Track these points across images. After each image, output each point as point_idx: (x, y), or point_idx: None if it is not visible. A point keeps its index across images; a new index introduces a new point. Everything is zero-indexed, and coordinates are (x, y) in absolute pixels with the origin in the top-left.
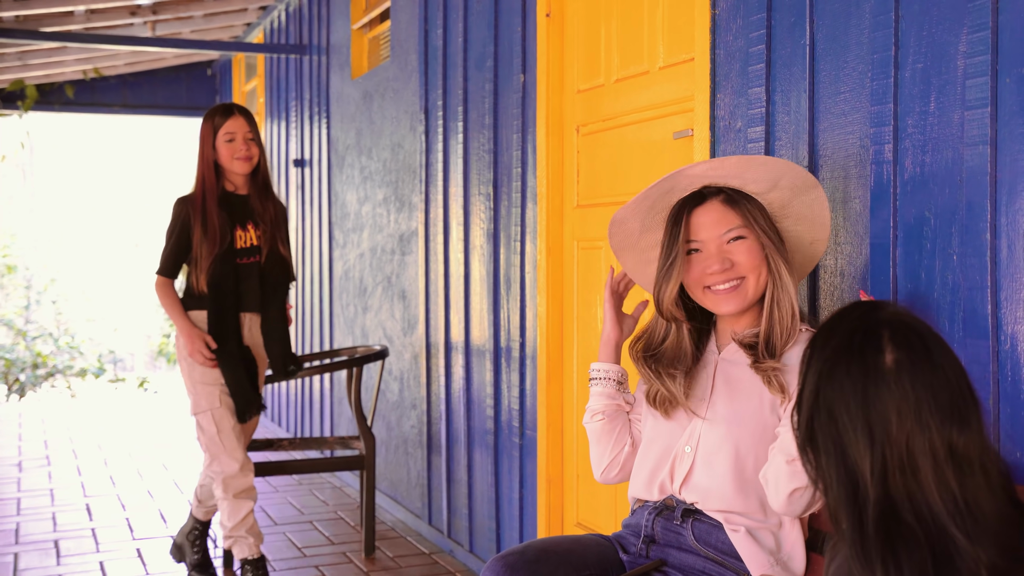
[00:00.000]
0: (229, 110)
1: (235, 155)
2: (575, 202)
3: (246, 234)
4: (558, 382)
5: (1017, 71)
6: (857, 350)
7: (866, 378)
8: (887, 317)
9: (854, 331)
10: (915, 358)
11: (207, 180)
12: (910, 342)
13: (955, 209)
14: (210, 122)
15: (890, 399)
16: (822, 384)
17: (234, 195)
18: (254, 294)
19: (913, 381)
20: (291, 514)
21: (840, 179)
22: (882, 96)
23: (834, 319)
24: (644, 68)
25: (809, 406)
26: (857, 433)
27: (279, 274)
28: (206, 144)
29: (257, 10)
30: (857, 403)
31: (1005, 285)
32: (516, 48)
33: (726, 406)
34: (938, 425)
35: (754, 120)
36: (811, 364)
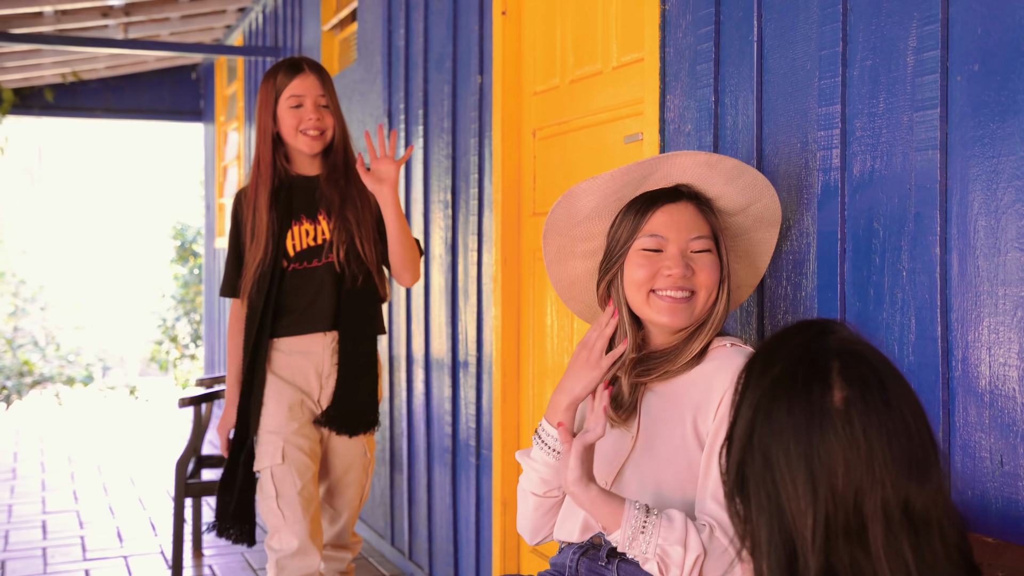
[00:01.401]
0: (296, 66)
1: (301, 126)
2: (532, 210)
3: (313, 227)
4: (514, 398)
5: (968, 68)
6: (801, 384)
7: (810, 419)
8: (837, 345)
9: (798, 360)
10: (868, 398)
11: (263, 161)
12: (863, 378)
13: (904, 220)
14: (271, 82)
15: (837, 445)
16: (758, 422)
17: (299, 179)
18: (323, 310)
19: (866, 425)
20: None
21: (786, 188)
22: (830, 96)
23: (775, 342)
24: (598, 68)
25: (741, 446)
26: (797, 485)
27: (362, 284)
28: (265, 112)
29: (236, 12)
30: (799, 449)
31: (956, 304)
32: (474, 48)
33: (648, 441)
34: (893, 480)
35: (703, 123)
36: (745, 394)
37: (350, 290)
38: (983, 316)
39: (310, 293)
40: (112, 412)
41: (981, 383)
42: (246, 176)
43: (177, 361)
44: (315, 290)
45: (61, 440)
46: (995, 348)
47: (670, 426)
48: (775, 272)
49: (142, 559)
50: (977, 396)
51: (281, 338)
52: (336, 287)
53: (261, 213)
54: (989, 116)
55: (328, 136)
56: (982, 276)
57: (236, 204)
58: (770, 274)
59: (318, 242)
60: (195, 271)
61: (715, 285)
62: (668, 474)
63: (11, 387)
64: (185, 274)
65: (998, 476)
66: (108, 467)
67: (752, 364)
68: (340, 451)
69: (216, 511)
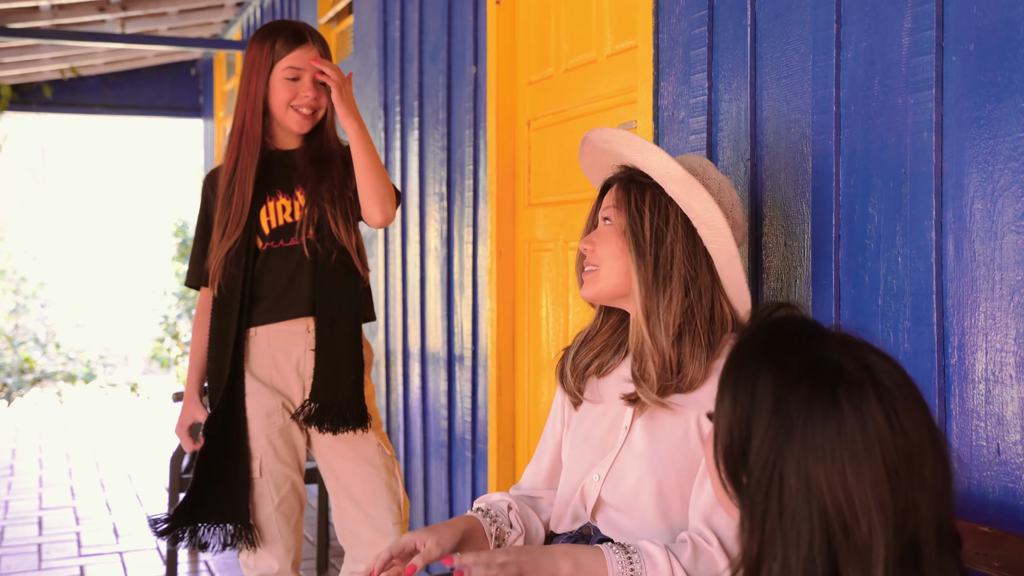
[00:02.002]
0: (299, 35)
1: (295, 102)
2: (526, 201)
3: (290, 203)
4: (509, 391)
5: (964, 48)
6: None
7: (868, 441)
8: (850, 353)
9: (830, 377)
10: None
11: (248, 129)
12: (896, 386)
13: (899, 205)
14: (268, 44)
15: (897, 462)
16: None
17: (276, 152)
18: (301, 292)
19: (917, 436)
20: None
21: (782, 172)
22: (824, 80)
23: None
24: (592, 57)
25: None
26: (857, 513)
27: (336, 261)
28: (258, 78)
29: (234, 7)
30: (860, 475)
31: (951, 291)
32: (468, 38)
33: (649, 435)
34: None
35: (696, 109)
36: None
37: (324, 268)
38: (979, 301)
39: (287, 274)
40: (112, 409)
41: (978, 370)
42: None
43: (179, 358)
44: (292, 270)
45: (60, 437)
46: (992, 334)
47: (672, 423)
48: (769, 258)
49: (138, 555)
50: (973, 383)
51: (257, 327)
52: (313, 267)
53: (246, 187)
54: (985, 97)
55: (319, 116)
56: (978, 260)
57: (207, 184)
58: (764, 260)
59: (296, 218)
60: None
61: (615, 259)
62: (670, 473)
63: (12, 384)
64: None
65: (995, 464)
66: (106, 464)
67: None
68: (344, 452)
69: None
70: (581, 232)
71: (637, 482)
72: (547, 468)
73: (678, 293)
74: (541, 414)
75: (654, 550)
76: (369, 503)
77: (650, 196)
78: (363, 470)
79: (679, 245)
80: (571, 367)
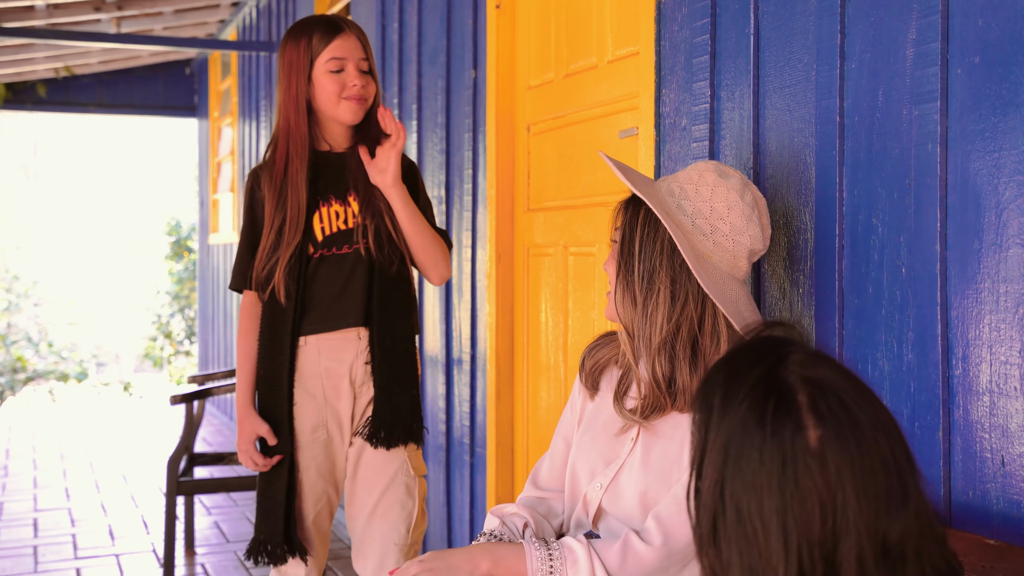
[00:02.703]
0: (335, 25)
1: (344, 93)
2: (526, 206)
3: (343, 209)
4: (508, 396)
5: (969, 60)
6: (771, 426)
7: (784, 467)
8: (800, 372)
9: (763, 396)
10: (842, 435)
11: (294, 130)
12: (833, 412)
13: (904, 216)
14: (304, 41)
15: (813, 494)
16: (728, 472)
17: (327, 155)
18: (353, 302)
19: (840, 467)
20: (246, 530)
21: (785, 181)
22: (828, 90)
23: (730, 371)
24: (593, 62)
25: (712, 499)
26: (770, 541)
27: (396, 271)
28: (299, 76)
29: (230, 7)
30: (772, 503)
31: (956, 303)
32: (467, 42)
33: (647, 453)
34: (869, 522)
35: (698, 117)
36: (708, 436)
37: (384, 278)
38: (984, 314)
39: (339, 283)
40: (106, 409)
41: (982, 382)
42: (246, 167)
43: (172, 357)
44: (344, 280)
45: (54, 437)
46: (996, 346)
47: (666, 440)
48: (771, 269)
49: (134, 557)
50: (978, 395)
51: (307, 336)
52: (368, 276)
53: (299, 190)
54: (990, 110)
55: (370, 103)
56: (983, 273)
57: (252, 184)
58: (767, 271)
59: (349, 225)
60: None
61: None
62: (662, 490)
63: (4, 383)
64: (179, 270)
65: (1000, 476)
66: (101, 464)
67: (708, 398)
68: (373, 465)
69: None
70: (582, 238)
71: (635, 496)
72: (560, 464)
73: (663, 308)
74: (540, 419)
75: (576, 545)
76: (380, 517)
77: (643, 213)
78: (382, 483)
79: (664, 260)
80: (591, 359)
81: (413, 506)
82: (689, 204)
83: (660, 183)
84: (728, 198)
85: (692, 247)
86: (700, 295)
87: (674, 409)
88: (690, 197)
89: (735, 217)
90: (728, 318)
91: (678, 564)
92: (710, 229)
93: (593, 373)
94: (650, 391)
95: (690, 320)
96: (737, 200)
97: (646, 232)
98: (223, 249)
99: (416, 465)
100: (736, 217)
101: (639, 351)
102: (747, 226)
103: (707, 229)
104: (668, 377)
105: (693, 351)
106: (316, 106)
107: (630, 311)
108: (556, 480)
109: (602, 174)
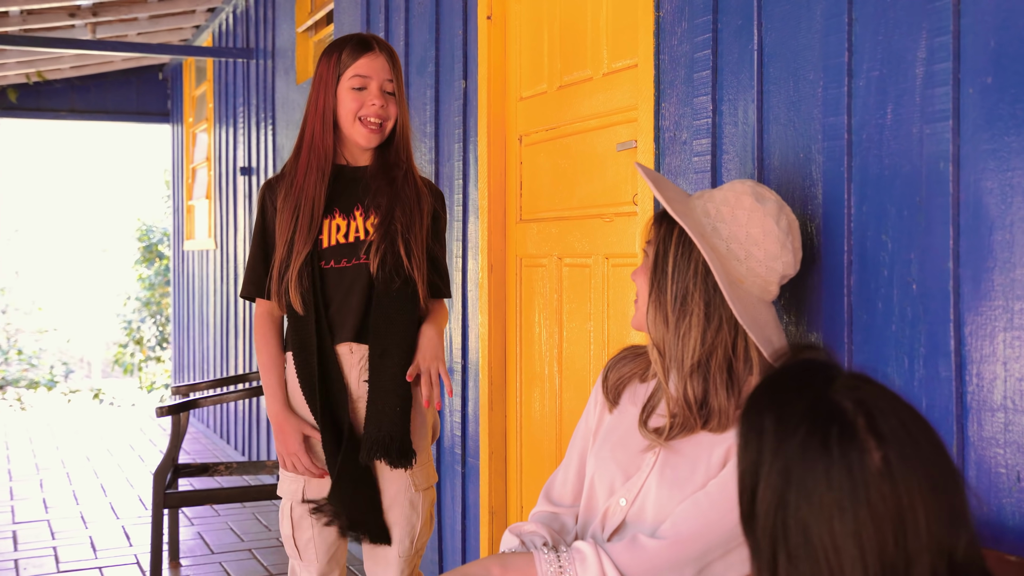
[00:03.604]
0: (365, 43)
1: (361, 112)
2: (518, 216)
3: (345, 222)
4: (501, 406)
5: (981, 80)
6: (836, 449)
7: (855, 490)
8: (852, 396)
9: (824, 420)
10: (906, 453)
11: (317, 143)
12: (894, 431)
13: (914, 233)
14: (334, 57)
15: (887, 513)
16: (791, 497)
17: (345, 168)
18: (350, 316)
19: (909, 486)
20: (230, 541)
21: (790, 196)
22: (835, 107)
23: (776, 396)
24: (588, 74)
25: (772, 524)
26: (844, 562)
27: (397, 290)
28: (326, 91)
29: (205, 12)
30: (847, 524)
31: (969, 319)
32: (457, 52)
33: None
34: (941, 538)
35: (700, 132)
36: (763, 463)
37: (384, 296)
38: (998, 331)
39: (338, 297)
40: (78, 417)
41: (996, 398)
42: (223, 173)
43: (142, 364)
44: (344, 293)
45: (27, 447)
46: (1011, 363)
47: (695, 452)
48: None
49: (117, 570)
50: (992, 411)
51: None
52: (367, 292)
53: (312, 201)
54: (1003, 129)
55: (388, 128)
56: (997, 290)
57: (266, 194)
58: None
59: (350, 240)
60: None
61: (645, 292)
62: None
63: None
64: (150, 276)
65: (1015, 492)
66: (77, 475)
67: (758, 422)
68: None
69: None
70: (577, 249)
71: (656, 511)
72: (574, 478)
73: (696, 330)
74: (534, 429)
75: (583, 545)
76: None
77: (677, 231)
78: (386, 501)
79: (698, 283)
80: (616, 372)
81: (417, 519)
82: (725, 228)
83: (695, 201)
84: (764, 224)
85: (726, 272)
86: (733, 319)
87: (705, 429)
88: (726, 220)
89: (770, 244)
90: (757, 343)
91: (692, 565)
92: (745, 255)
93: (616, 387)
94: (680, 410)
95: (724, 344)
96: (773, 226)
97: (680, 252)
98: (199, 255)
99: (425, 476)
100: (771, 244)
101: (670, 370)
102: (781, 252)
103: (742, 255)
104: (700, 399)
105: (729, 374)
106: (339, 122)
107: (662, 330)
108: (570, 495)
109: (598, 185)
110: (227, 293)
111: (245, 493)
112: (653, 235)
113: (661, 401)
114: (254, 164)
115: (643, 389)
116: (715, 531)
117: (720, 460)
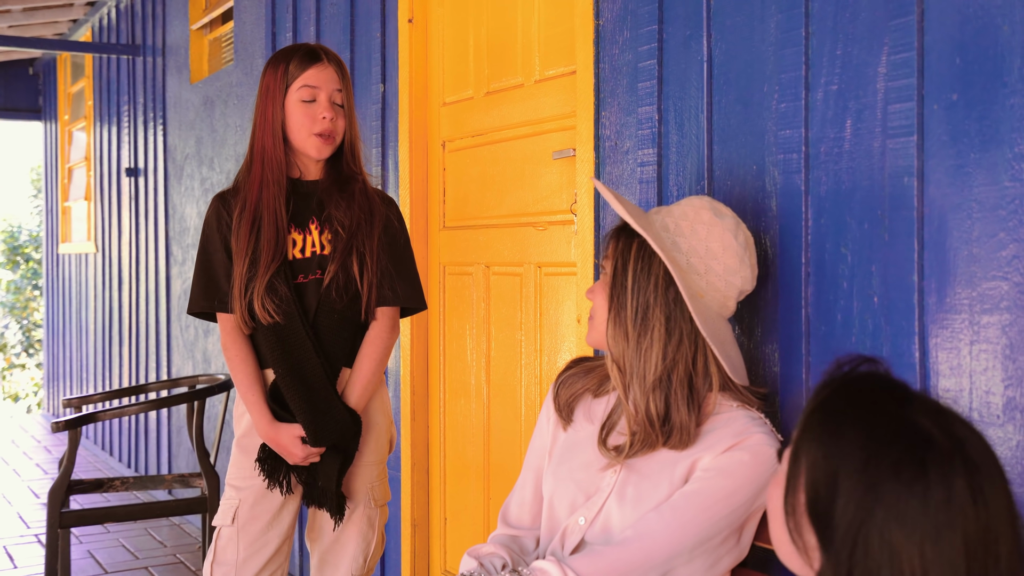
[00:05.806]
0: (313, 54)
1: (311, 127)
2: (441, 223)
3: (301, 237)
4: (423, 416)
5: (947, 97)
6: (933, 473)
7: (951, 516)
8: (937, 420)
9: (920, 443)
10: (992, 477)
11: (270, 155)
12: (981, 457)
13: (875, 246)
14: (281, 68)
15: (976, 541)
16: (878, 516)
17: (296, 182)
18: None
19: (998, 511)
20: (124, 560)
21: (742, 208)
22: (791, 119)
23: (859, 408)
24: (519, 81)
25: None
26: None
27: (345, 308)
28: (273, 102)
29: (84, 6)
30: (943, 550)
31: (934, 331)
32: (375, 55)
33: (635, 487)
34: (1014, 571)
35: (644, 141)
36: (845, 478)
37: (330, 313)
38: (964, 344)
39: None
40: None
41: (963, 409)
42: (104, 173)
43: (6, 372)
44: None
45: None
46: (977, 375)
47: (660, 466)
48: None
49: None
50: None
51: (265, 370)
52: (315, 308)
53: (274, 215)
54: (969, 145)
55: (338, 139)
56: (963, 304)
57: (220, 208)
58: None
59: (306, 255)
60: (27, 276)
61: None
62: None
63: None
64: (16, 279)
65: None
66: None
67: (834, 430)
68: None
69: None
70: (507, 257)
71: (619, 529)
72: (531, 499)
73: (658, 345)
74: (458, 440)
75: (545, 563)
76: (340, 547)
77: (636, 245)
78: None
79: (659, 297)
80: (567, 391)
81: (373, 536)
82: (684, 242)
83: (653, 216)
84: (724, 239)
85: (686, 286)
86: (694, 333)
87: (667, 446)
88: (685, 234)
89: (729, 258)
90: (719, 358)
91: (655, 571)
92: (704, 269)
93: (569, 403)
94: (641, 427)
95: (685, 359)
96: (732, 241)
97: (640, 266)
98: (76, 259)
99: (383, 492)
100: (730, 258)
101: (630, 386)
102: (740, 267)
103: (702, 269)
104: (663, 415)
105: (690, 390)
106: (288, 135)
107: (622, 346)
108: (527, 517)
109: (531, 193)
110: (110, 299)
111: (148, 510)
112: (611, 250)
113: (621, 419)
114: (142, 165)
115: (597, 405)
116: (679, 540)
117: (683, 477)
